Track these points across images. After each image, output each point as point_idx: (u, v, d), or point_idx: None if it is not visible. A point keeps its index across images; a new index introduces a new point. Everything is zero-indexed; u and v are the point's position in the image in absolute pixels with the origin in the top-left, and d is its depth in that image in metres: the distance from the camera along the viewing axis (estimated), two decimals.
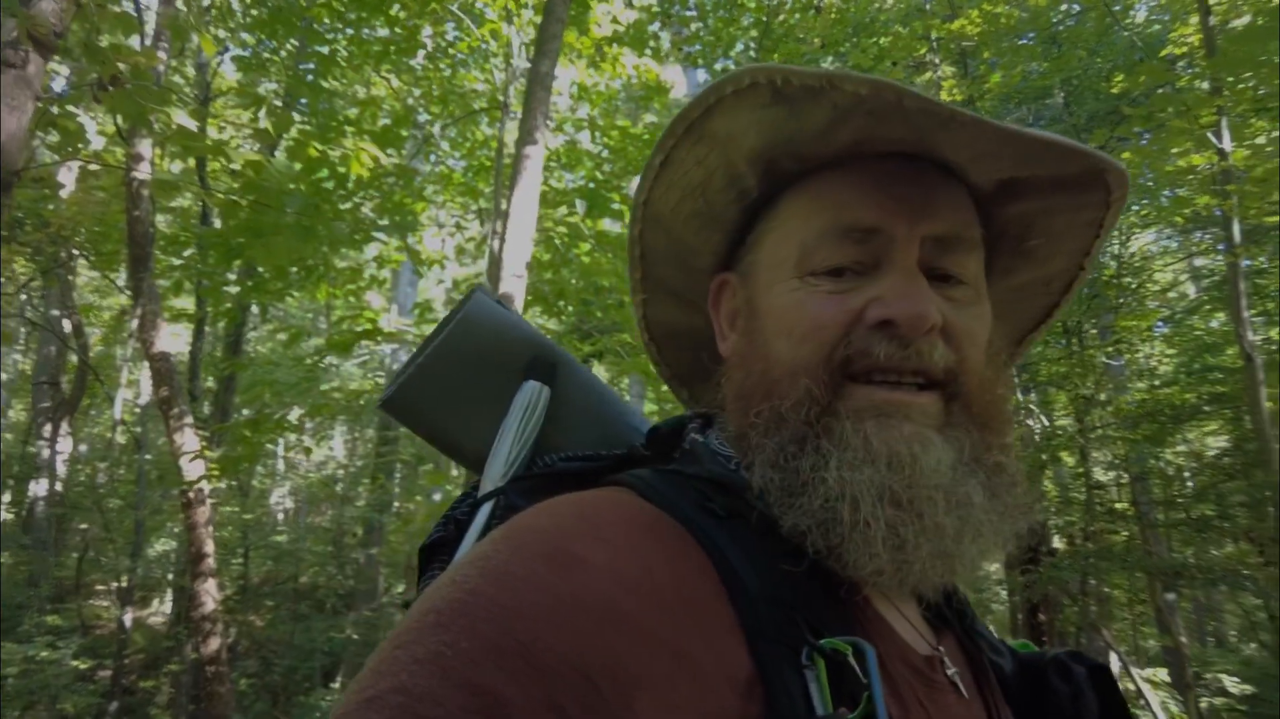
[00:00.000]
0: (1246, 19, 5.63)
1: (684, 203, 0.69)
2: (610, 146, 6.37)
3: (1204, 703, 7.27)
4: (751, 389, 0.61)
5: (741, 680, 0.46)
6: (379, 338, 4.44)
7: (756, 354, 0.62)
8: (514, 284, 3.89)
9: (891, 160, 0.60)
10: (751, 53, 7.09)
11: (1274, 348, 7.84)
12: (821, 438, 0.55)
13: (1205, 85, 4.75)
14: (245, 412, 8.76)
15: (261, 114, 3.48)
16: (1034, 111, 10.26)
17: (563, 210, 6.39)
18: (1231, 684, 9.20)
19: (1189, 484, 7.85)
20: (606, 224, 6.48)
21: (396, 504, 12.32)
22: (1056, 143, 0.56)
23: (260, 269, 4.83)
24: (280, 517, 14.39)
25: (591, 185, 5.54)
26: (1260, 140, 6.85)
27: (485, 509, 0.68)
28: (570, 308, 7.04)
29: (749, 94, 0.58)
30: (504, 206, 5.47)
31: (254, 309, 9.27)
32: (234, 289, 5.69)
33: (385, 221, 5.14)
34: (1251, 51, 4.40)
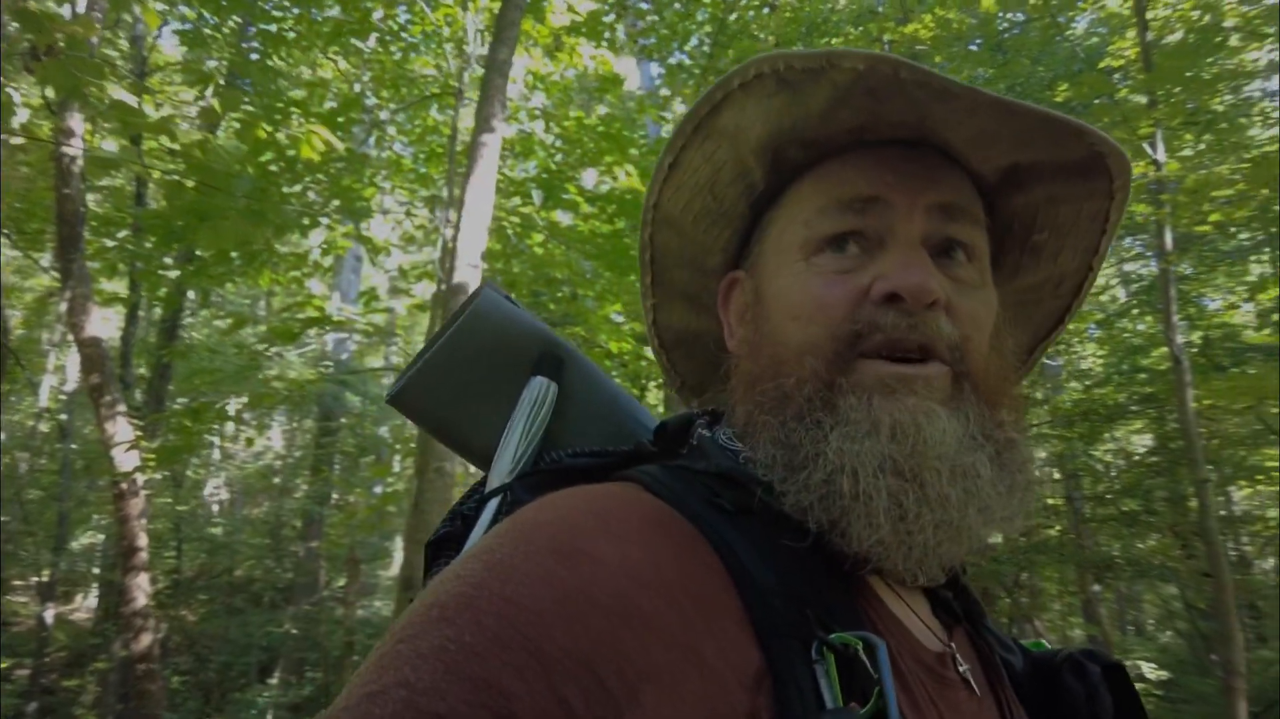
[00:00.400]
0: (1180, 35, 5.86)
1: (694, 202, 0.69)
2: (564, 137, 6.33)
3: None
4: (760, 373, 0.61)
5: (750, 675, 0.46)
6: (326, 325, 4.32)
7: (765, 340, 0.62)
8: (469, 274, 3.82)
9: (894, 146, 0.60)
10: (705, 47, 7.11)
11: (1196, 351, 8.21)
12: (823, 412, 0.56)
13: (1143, 100, 4.93)
14: (181, 400, 8.46)
15: (209, 92, 3.35)
16: None
17: (515, 201, 6.32)
18: (1149, 670, 9.65)
19: (1116, 481, 8.17)
20: (559, 216, 6.44)
21: (336, 496, 12.07)
22: (1052, 117, 0.57)
23: (201, 253, 4.65)
24: (215, 508, 13.95)
25: (545, 175, 5.48)
26: (1188, 153, 7.16)
27: (492, 505, 0.68)
28: (520, 300, 6.96)
29: (755, 86, 0.59)
30: (457, 194, 5.39)
31: (191, 294, 8.95)
32: (173, 273, 5.47)
33: (336, 205, 5.02)
34: (1184, 67, 4.59)
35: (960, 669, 0.58)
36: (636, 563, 0.48)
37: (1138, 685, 0.54)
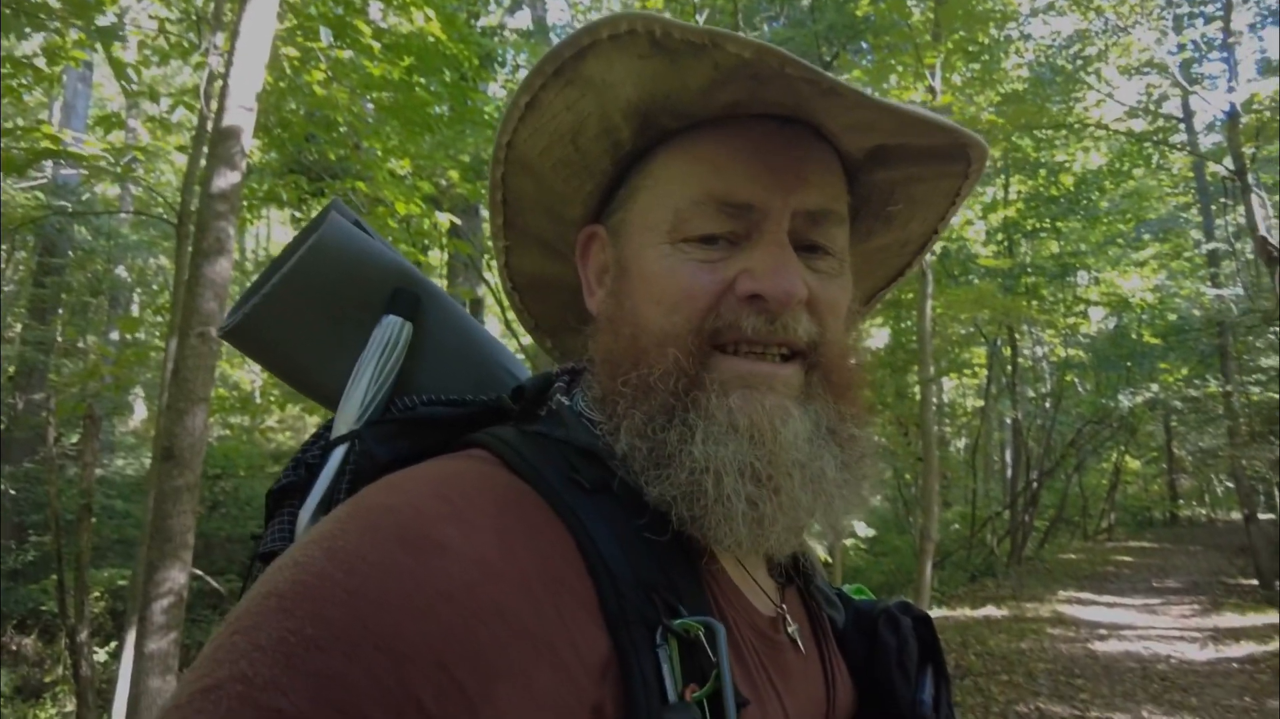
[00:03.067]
0: None
1: (553, 148, 0.65)
2: None
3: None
4: (620, 354, 0.61)
5: (598, 664, 0.47)
6: (63, 158, 3.63)
7: (625, 318, 0.61)
8: (241, 117, 3.39)
9: (768, 121, 0.60)
10: None
11: (934, 259, 9.26)
12: (689, 410, 0.57)
13: (931, 26, 5.26)
14: None
15: None
16: (782, 13, 10.71)
17: (292, 26, 5.56)
18: (860, 527, 11.36)
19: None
20: (345, 54, 5.77)
21: (61, 338, 10.63)
22: (931, 120, 0.59)
23: None
24: None
25: (340, 11, 4.87)
26: (957, 80, 7.81)
27: (338, 454, 0.63)
28: (290, 140, 6.28)
29: (627, 41, 0.56)
30: (228, 18, 4.68)
31: None
32: None
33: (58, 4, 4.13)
34: (970, 5, 4.95)
35: (789, 630, 0.64)
36: (488, 552, 0.47)
37: (850, 542, 0.64)
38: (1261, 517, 11.91)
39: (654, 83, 0.58)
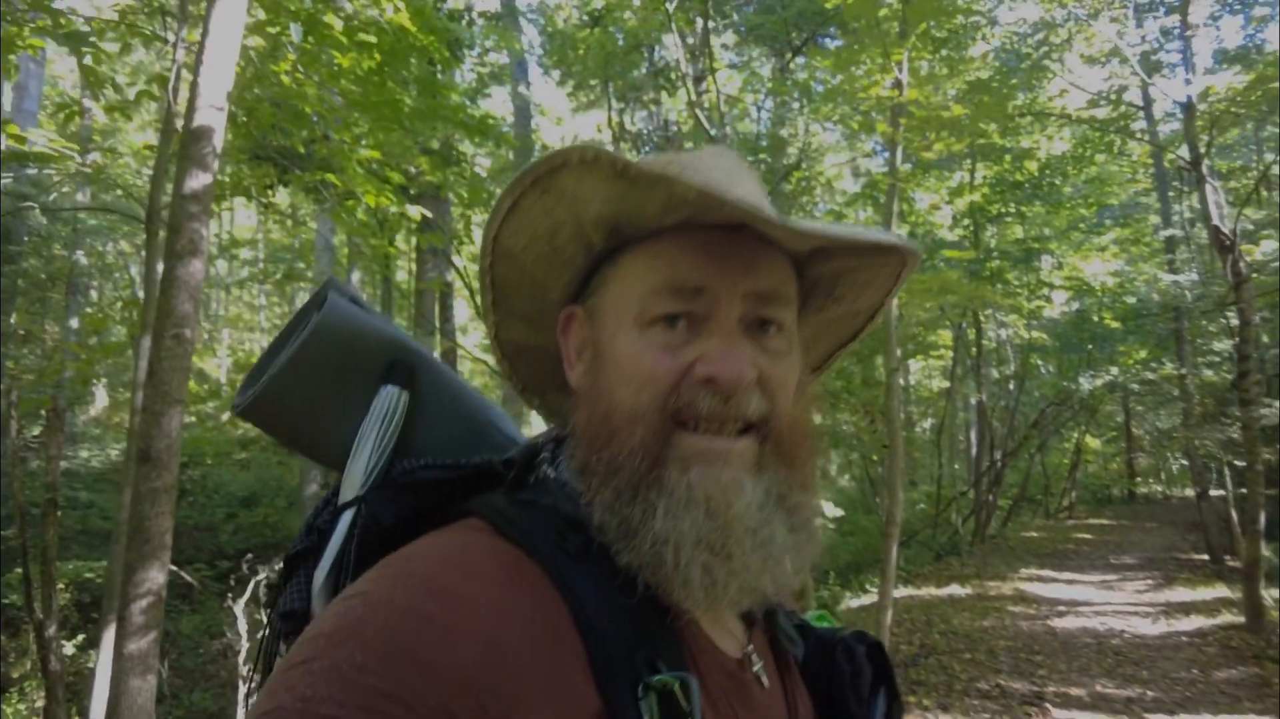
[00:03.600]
0: None
1: (533, 245, 0.72)
2: None
3: None
4: (596, 429, 0.67)
5: (591, 714, 0.54)
6: (32, 160, 3.57)
7: (600, 395, 0.68)
8: (212, 117, 3.36)
9: (719, 229, 0.67)
10: None
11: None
12: (651, 489, 0.64)
13: (900, 21, 5.34)
14: None
15: None
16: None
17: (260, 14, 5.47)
18: (829, 508, 11.58)
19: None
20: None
21: (19, 328, 10.39)
22: (863, 240, 0.68)
23: None
24: None
25: (309, 3, 4.81)
26: (924, 69, 7.90)
27: (346, 517, 0.70)
28: (255, 128, 6.20)
29: (593, 165, 0.63)
30: (197, 10, 4.61)
31: None
32: None
33: None
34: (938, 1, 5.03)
35: (755, 669, 0.72)
36: (501, 604, 0.55)
37: (819, 522, 0.72)
38: (1213, 493, 12.33)
39: (618, 203, 0.65)
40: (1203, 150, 8.37)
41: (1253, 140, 13.94)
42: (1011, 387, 17.07)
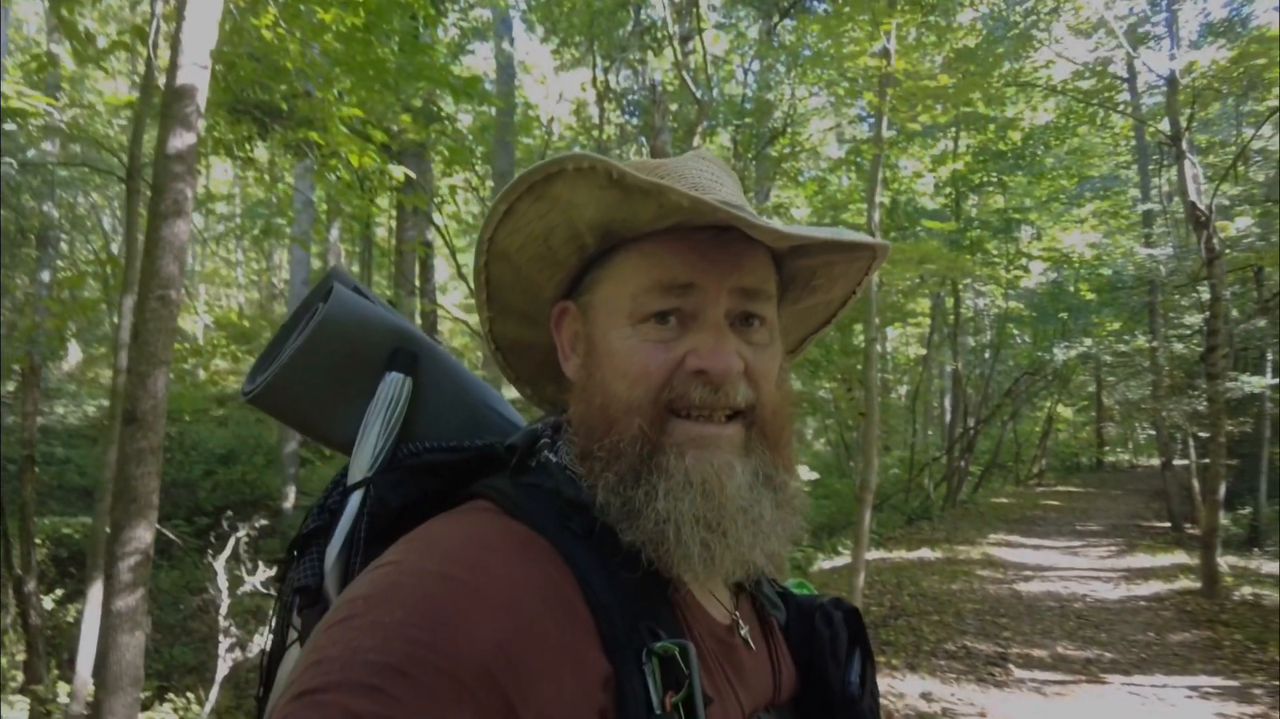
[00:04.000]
0: None
1: (527, 247, 0.76)
2: None
3: None
4: (594, 420, 0.72)
5: (601, 679, 0.59)
6: (11, 117, 3.49)
7: (596, 389, 0.73)
8: (196, 75, 3.31)
9: (706, 230, 0.72)
10: None
11: (885, 208, 9.45)
12: (653, 473, 0.69)
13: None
14: None
15: None
16: None
17: None
18: (804, 471, 11.77)
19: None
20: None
21: None
22: (839, 240, 0.74)
23: None
24: None
25: None
26: (910, 39, 7.87)
27: (355, 498, 0.75)
28: (234, 83, 6.08)
29: (588, 174, 0.67)
30: None
31: None
32: None
33: None
34: None
35: (742, 633, 0.78)
36: (519, 577, 0.60)
37: (799, 495, 0.79)
38: (1177, 463, 12.66)
39: (611, 210, 0.70)
40: (1184, 125, 8.44)
41: (1233, 115, 14.04)
42: (987, 355, 17.32)
